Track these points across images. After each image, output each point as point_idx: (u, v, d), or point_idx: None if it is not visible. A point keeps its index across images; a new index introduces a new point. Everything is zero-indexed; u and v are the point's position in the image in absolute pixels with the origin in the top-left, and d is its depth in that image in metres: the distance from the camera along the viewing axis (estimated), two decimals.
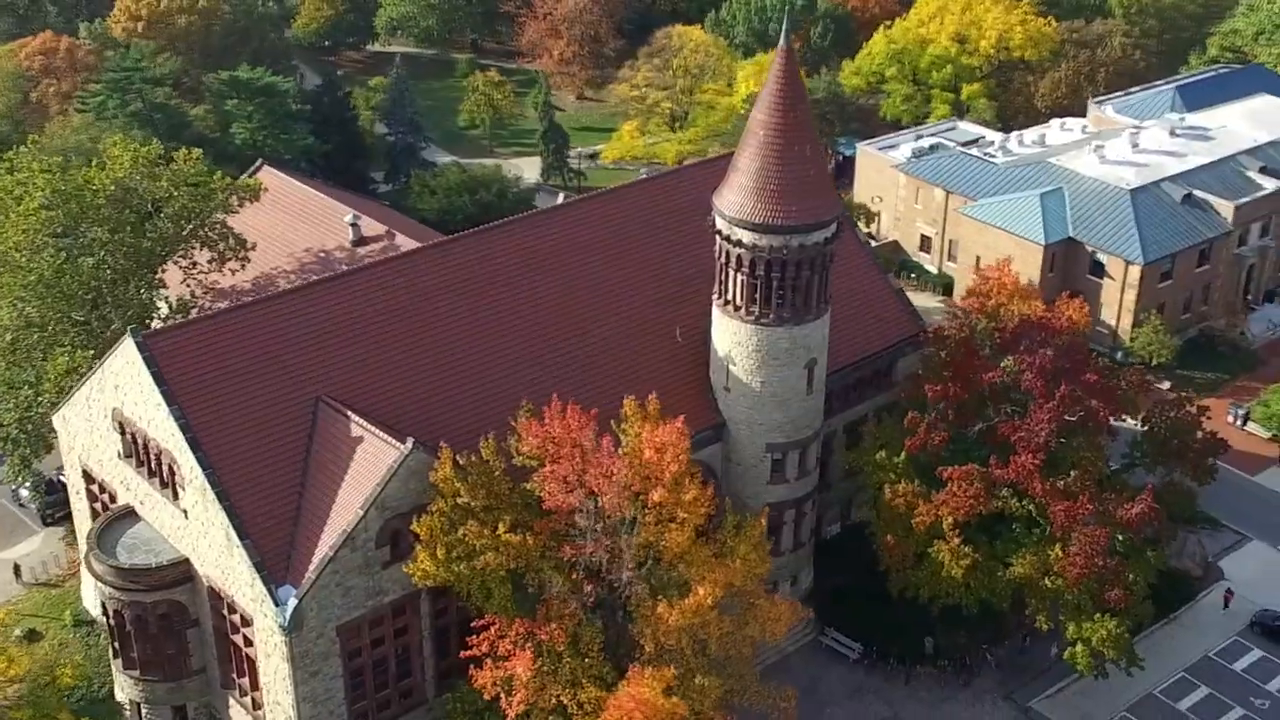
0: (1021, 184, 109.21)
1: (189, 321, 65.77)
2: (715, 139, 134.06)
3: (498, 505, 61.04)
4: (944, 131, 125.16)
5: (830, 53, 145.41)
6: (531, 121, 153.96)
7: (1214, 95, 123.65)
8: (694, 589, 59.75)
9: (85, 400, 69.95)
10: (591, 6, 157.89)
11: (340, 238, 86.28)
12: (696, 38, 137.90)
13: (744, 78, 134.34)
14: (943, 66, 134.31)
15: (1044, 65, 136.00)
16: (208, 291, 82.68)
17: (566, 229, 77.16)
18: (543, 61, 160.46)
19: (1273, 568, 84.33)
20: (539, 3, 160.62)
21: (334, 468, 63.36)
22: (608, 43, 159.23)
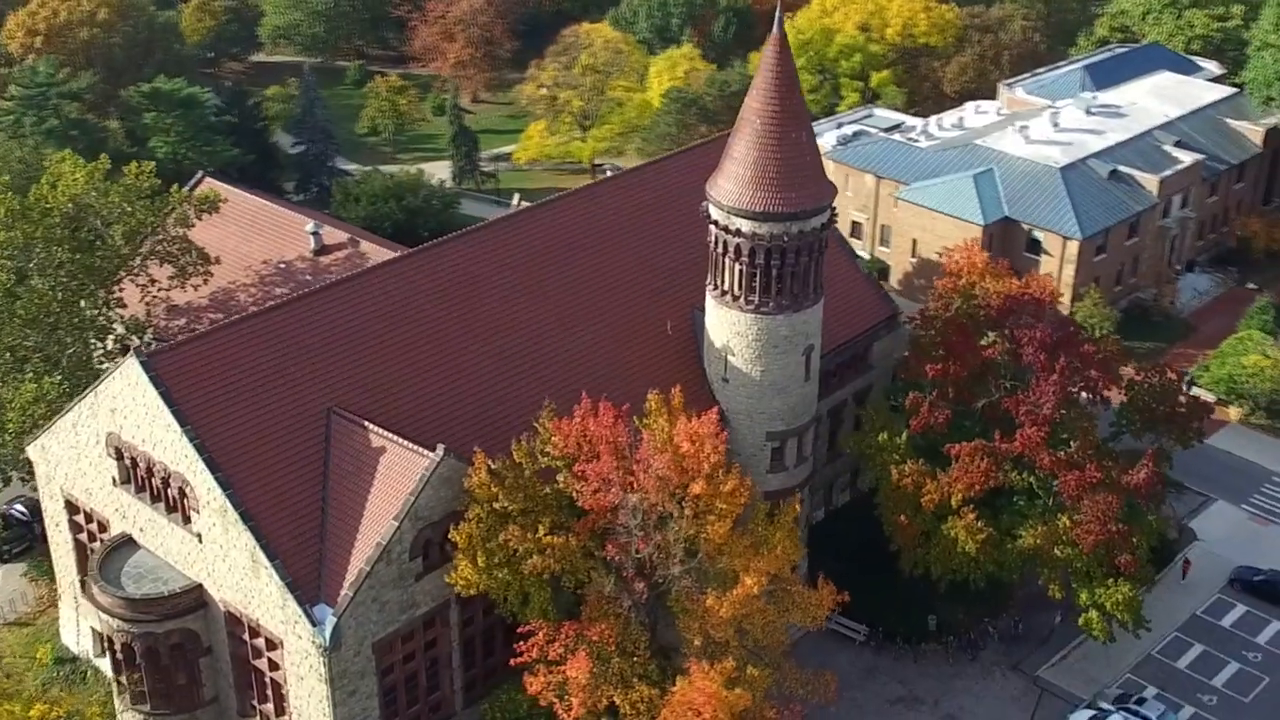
0: (951, 167, 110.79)
1: (191, 338, 63.22)
2: (632, 135, 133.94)
3: (535, 508, 59.87)
4: (861, 119, 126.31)
5: (733, 46, 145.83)
6: (432, 126, 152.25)
7: (1119, 74, 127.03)
8: (741, 579, 59.24)
9: (71, 427, 66.90)
10: (486, 8, 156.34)
11: (300, 248, 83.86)
12: (605, 34, 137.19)
13: (656, 73, 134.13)
14: (851, 55, 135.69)
15: (948, 51, 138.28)
16: (165, 309, 79.91)
17: (553, 227, 76.16)
18: (437, 65, 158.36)
19: (1240, 526, 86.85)
20: (431, 6, 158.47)
21: (357, 480, 61.53)
22: (503, 44, 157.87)
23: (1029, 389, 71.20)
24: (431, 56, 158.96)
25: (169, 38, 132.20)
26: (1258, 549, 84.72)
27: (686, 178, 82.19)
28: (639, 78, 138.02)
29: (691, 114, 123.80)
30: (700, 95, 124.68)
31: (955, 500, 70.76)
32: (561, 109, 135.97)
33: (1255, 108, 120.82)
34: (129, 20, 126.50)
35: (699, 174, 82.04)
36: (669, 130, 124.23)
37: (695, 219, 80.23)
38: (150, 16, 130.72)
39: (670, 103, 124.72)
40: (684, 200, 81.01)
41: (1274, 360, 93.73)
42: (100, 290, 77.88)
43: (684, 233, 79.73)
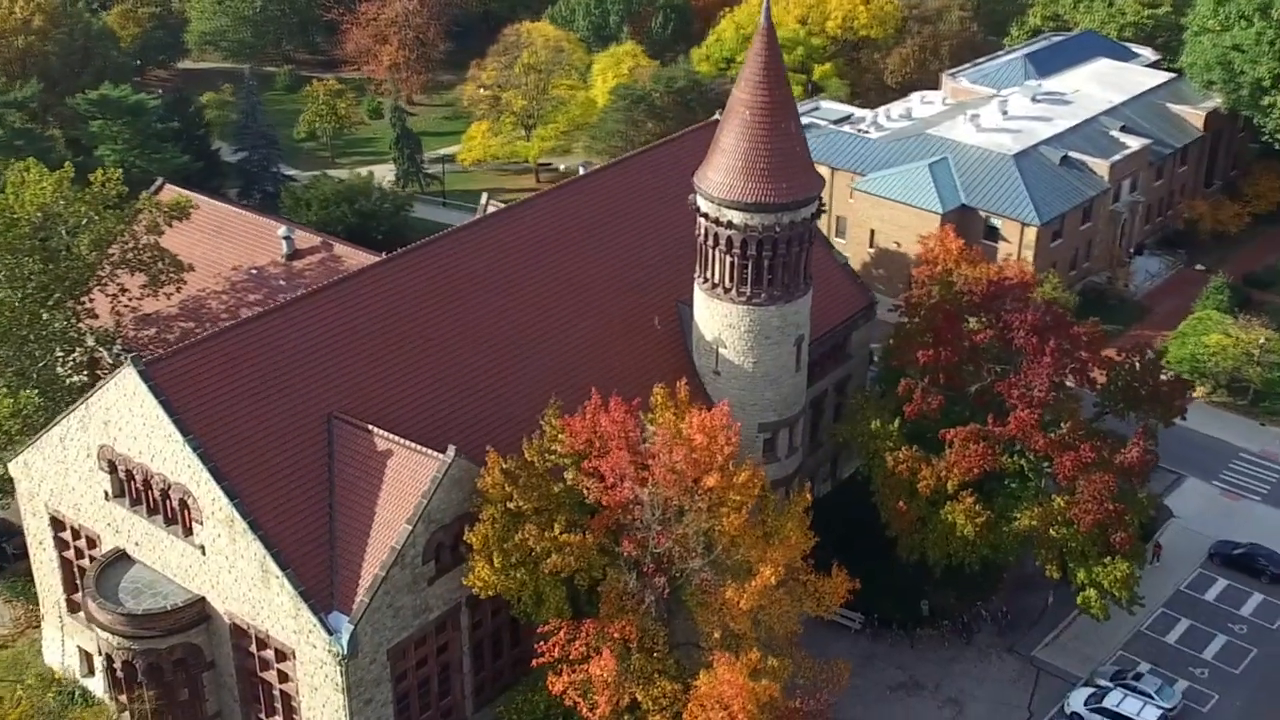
0: (905, 157, 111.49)
1: (187, 345, 61.74)
2: (578, 133, 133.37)
3: (549, 506, 59.24)
4: (809, 111, 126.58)
5: (671, 42, 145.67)
6: (370, 130, 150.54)
7: (1060, 61, 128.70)
8: (758, 570, 58.99)
9: (58, 442, 65.17)
10: (419, 9, 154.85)
11: (271, 253, 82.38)
12: (546, 33, 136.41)
13: (600, 70, 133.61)
14: (792, 49, 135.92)
15: (888, 43, 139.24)
16: (134, 319, 78.20)
17: (535, 224, 75.54)
18: (370, 69, 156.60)
19: (1213, 502, 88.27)
20: (363, 9, 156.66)
21: (365, 485, 60.51)
22: (436, 46, 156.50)
23: (1020, 372, 71.66)
24: (364, 60, 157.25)
25: (106, 45, 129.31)
26: (1232, 523, 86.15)
27: (663, 172, 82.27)
28: (581, 76, 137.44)
29: (640, 110, 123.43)
30: (648, 92, 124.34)
31: (952, 485, 71.09)
32: (504, 109, 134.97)
33: (1196, 91, 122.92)
34: (62, 28, 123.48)
35: (677, 168, 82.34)
36: (618, 127, 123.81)
37: (675, 213, 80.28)
38: (86, 23, 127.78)
39: (618, 100, 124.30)
40: (662, 194, 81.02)
41: (1235, 339, 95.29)
42: (70, 301, 75.98)
43: (664, 227, 79.65)
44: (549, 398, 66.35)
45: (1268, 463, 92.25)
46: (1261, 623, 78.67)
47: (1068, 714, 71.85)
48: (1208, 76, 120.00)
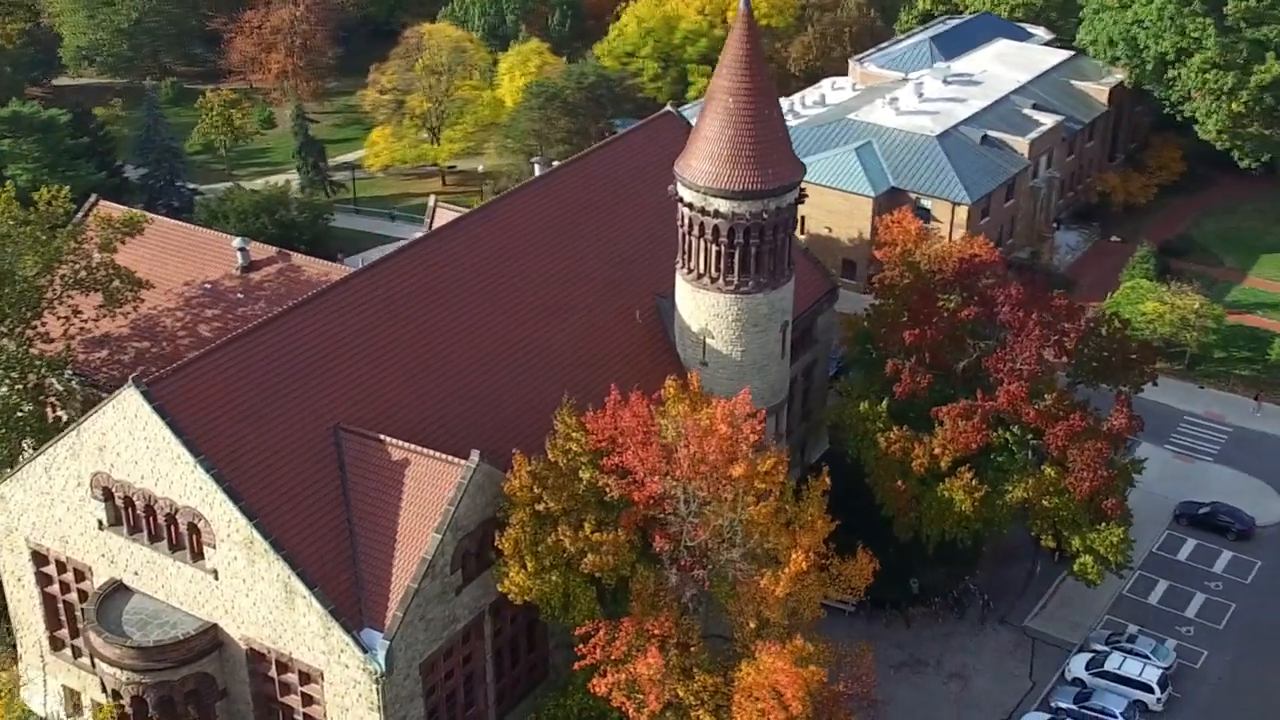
0: (829, 142, 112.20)
1: (187, 363, 59.13)
2: (487, 134, 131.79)
3: (577, 507, 58.16)
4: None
5: (570, 39, 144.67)
6: (265, 140, 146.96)
7: (962, 44, 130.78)
8: (788, 557, 58.64)
9: (42, 472, 62.17)
10: (305, 16, 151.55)
11: (224, 266, 79.75)
12: (447, 34, 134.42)
13: (507, 69, 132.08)
14: (696, 41, 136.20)
15: (790, 31, 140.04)
16: (82, 342, 75.10)
17: (509, 224, 74.07)
18: (258, 78, 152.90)
19: (1168, 465, 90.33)
20: (247, 18, 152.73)
21: (383, 496, 58.76)
22: (325, 52, 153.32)
23: (1005, 346, 72.40)
24: (251, 69, 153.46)
25: None
26: (1189, 484, 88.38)
27: (623, 166, 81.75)
28: (484, 76, 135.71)
29: (554, 108, 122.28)
30: (561, 89, 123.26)
31: (944, 462, 71.55)
32: (408, 113, 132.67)
33: (1103, 67, 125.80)
34: None
35: (636, 161, 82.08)
36: (532, 126, 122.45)
37: (642, 206, 79.90)
38: None
39: (532, 98, 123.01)
40: (626, 188, 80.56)
41: (1171, 305, 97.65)
42: (20, 326, 72.57)
43: (633, 220, 79.08)
44: (539, 398, 65.65)
45: (1212, 424, 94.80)
46: (1235, 578, 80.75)
47: (1069, 680, 72.91)
48: (1112, 52, 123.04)
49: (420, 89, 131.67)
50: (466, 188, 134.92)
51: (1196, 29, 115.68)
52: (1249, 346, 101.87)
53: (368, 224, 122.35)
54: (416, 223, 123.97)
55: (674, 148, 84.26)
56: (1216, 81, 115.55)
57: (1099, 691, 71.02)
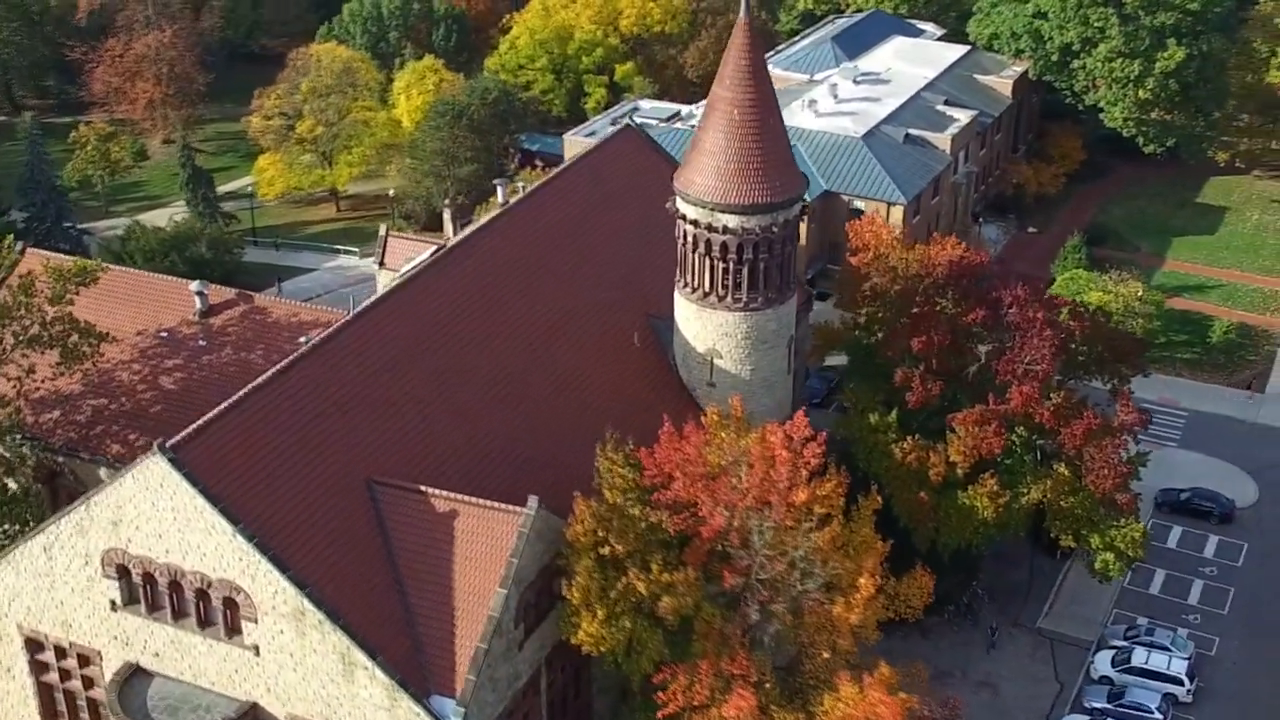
0: None
1: (205, 424, 54.40)
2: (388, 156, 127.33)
3: (643, 547, 55.30)
4: (630, 113, 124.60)
5: (455, 53, 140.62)
6: (142, 173, 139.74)
7: (862, 42, 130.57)
8: (858, 582, 56.69)
9: (41, 552, 56.87)
10: (173, 42, 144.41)
11: (180, 311, 74.86)
12: (338, 54, 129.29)
13: (403, 88, 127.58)
14: (591, 51, 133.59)
15: (684, 37, 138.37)
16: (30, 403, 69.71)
17: (498, 252, 70.66)
18: (126, 109, 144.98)
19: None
20: (108, 46, 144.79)
21: (432, 552, 55.06)
22: (195, 79, 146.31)
23: (1013, 348, 71.51)
24: (116, 100, 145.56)
25: None
26: (1161, 471, 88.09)
27: (592, 186, 78.67)
28: (376, 96, 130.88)
29: (461, 126, 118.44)
30: (467, 106, 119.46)
31: (961, 470, 70.39)
32: (301, 138, 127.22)
33: (1004, 59, 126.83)
34: None
35: (604, 181, 79.25)
36: (440, 146, 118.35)
37: (622, 225, 77.41)
38: None
39: (436, 117, 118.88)
40: (601, 208, 77.71)
41: (1115, 294, 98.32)
42: None
43: (614, 241, 76.43)
44: (553, 433, 63.04)
45: (1169, 409, 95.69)
46: (1227, 562, 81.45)
47: (1096, 678, 72.43)
48: (1016, 45, 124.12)
49: (310, 112, 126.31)
50: (364, 212, 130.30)
51: (1099, 19, 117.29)
52: (1185, 330, 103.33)
53: (280, 255, 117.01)
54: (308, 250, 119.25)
55: (641, 164, 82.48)
56: (1123, 70, 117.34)
57: (1131, 688, 70.66)
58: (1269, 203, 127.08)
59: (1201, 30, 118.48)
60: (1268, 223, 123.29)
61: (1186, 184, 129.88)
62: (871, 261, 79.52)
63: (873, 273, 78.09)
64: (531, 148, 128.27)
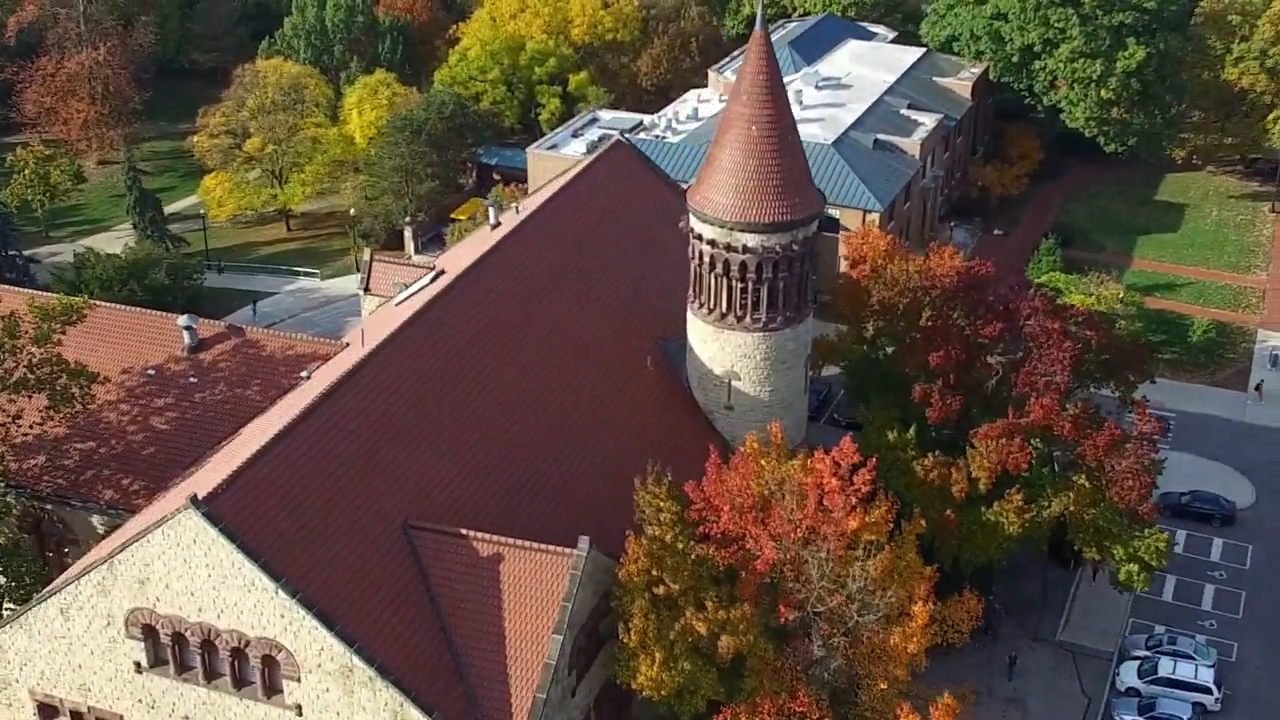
0: None
1: (235, 475, 51.51)
2: (341, 172, 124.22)
3: (695, 584, 53.45)
4: (588, 124, 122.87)
5: (400, 66, 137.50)
6: (81, 196, 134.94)
7: (818, 47, 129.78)
8: (912, 609, 55.33)
9: (58, 614, 53.80)
10: (108, 60, 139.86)
11: (167, 348, 72.18)
12: (287, 70, 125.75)
13: (355, 103, 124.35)
14: (544, 61, 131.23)
15: (636, 45, 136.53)
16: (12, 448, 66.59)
17: (505, 279, 68.42)
18: (60, 129, 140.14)
19: None
20: (40, 64, 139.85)
21: (476, 597, 52.90)
22: (132, 97, 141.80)
23: (1030, 360, 70.50)
24: (49, 120, 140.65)
25: None
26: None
27: (589, 207, 76.73)
28: (326, 112, 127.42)
29: (420, 142, 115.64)
30: (425, 121, 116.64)
31: (984, 485, 69.22)
32: (253, 156, 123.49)
33: (965, 60, 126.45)
34: None
35: (600, 201, 77.40)
36: (400, 162, 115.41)
37: (625, 244, 75.70)
38: None
39: (395, 133, 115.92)
40: (601, 230, 75.90)
41: (1098, 296, 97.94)
42: None
43: (619, 263, 74.72)
44: (576, 464, 61.34)
45: (1156, 412, 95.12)
46: (1235, 565, 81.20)
47: (1123, 690, 71.67)
48: (976, 47, 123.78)
49: (260, 130, 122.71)
50: (316, 231, 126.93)
51: (1060, 19, 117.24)
52: (1162, 330, 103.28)
53: (236, 280, 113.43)
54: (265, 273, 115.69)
55: (634, 180, 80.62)
56: (1085, 70, 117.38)
57: (1160, 699, 69.94)
58: (1226, 198, 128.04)
59: (1157, 29, 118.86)
60: (1227, 218, 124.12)
61: (1144, 182, 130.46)
62: (870, 274, 78.32)
63: (874, 286, 76.81)
64: (490, 162, 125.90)
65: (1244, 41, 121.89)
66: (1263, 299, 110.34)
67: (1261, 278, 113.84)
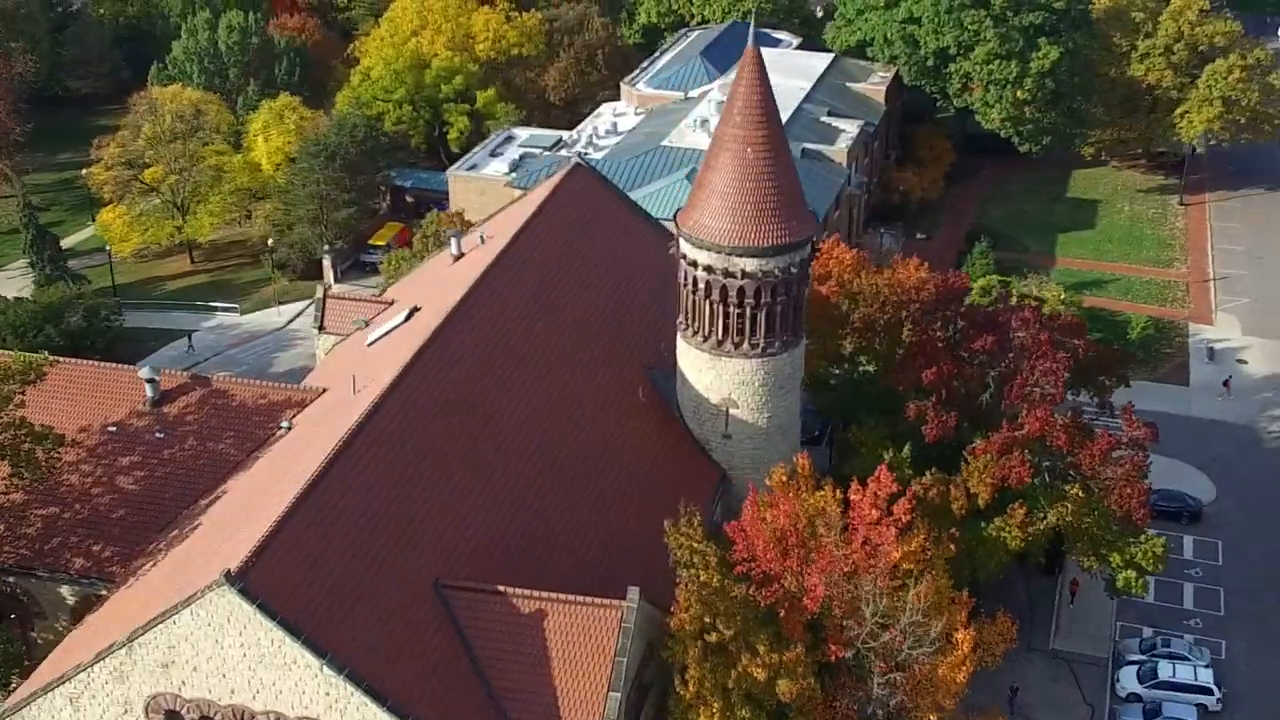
0: (652, 173, 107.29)
1: (263, 544, 48.19)
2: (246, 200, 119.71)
3: (747, 629, 51.72)
4: (504, 143, 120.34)
5: (297, 88, 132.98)
6: None
7: (729, 56, 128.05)
8: (954, 638, 54.35)
9: (65, 704, 50.08)
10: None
11: (127, 402, 68.11)
12: (189, 97, 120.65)
13: (260, 129, 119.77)
14: (451, 79, 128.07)
15: (542, 59, 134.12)
16: None
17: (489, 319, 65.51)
18: None
19: None
20: None
21: (521, 656, 50.62)
22: (14, 129, 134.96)
23: (1023, 372, 70.10)
24: None
25: None
26: None
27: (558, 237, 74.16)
28: (227, 139, 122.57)
29: (336, 166, 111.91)
30: (340, 144, 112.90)
31: (983, 500, 68.60)
32: (152, 187, 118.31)
33: (877, 65, 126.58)
34: None
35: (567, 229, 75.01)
36: (317, 189, 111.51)
37: (597, 269, 73.67)
38: None
39: (309, 158, 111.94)
40: (576, 253, 73.70)
41: (1037, 298, 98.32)
42: None
43: (596, 291, 72.71)
44: (592, 507, 59.73)
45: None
46: (1209, 561, 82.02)
47: (1124, 696, 71.70)
48: (890, 51, 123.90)
49: (161, 160, 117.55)
50: (221, 263, 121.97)
51: (974, 22, 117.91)
52: (1100, 328, 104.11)
53: (154, 319, 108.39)
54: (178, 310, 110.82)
55: (596, 204, 78.58)
56: (1001, 71, 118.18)
57: (1165, 703, 70.10)
58: (1135, 193, 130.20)
59: (1064, 28, 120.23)
60: (1139, 213, 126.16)
61: (1054, 179, 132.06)
62: (838, 289, 77.42)
63: (846, 302, 75.89)
64: (404, 185, 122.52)
65: (1148, 38, 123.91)
66: (1187, 293, 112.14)
67: (1183, 271, 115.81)
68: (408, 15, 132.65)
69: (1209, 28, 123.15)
